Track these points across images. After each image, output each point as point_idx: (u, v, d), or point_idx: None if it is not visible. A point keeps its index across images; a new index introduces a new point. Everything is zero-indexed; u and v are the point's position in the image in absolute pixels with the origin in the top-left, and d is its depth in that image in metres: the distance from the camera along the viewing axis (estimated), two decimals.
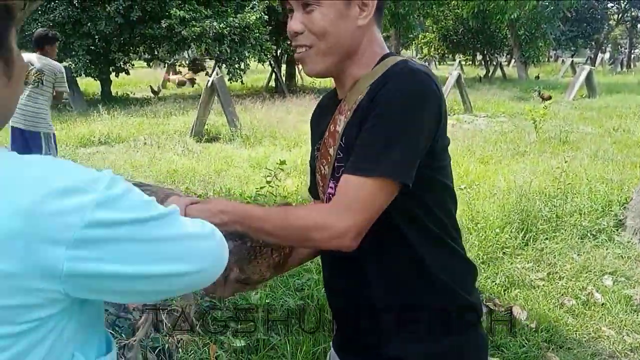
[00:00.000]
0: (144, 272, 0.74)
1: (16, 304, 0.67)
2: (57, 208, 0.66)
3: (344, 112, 1.12)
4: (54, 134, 5.39)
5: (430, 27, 29.78)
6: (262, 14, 13.89)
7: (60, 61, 13.82)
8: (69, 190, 0.68)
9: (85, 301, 0.79)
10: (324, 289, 3.06)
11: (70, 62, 13.33)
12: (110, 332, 2.58)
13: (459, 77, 12.21)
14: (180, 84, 7.95)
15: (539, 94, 14.11)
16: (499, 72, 26.40)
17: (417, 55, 34.34)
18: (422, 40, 31.49)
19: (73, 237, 0.66)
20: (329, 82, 20.40)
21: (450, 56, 33.87)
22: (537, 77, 23.59)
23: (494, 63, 28.08)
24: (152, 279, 0.76)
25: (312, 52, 1.11)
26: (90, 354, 0.81)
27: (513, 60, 27.13)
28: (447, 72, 15.83)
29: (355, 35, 1.10)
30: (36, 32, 5.35)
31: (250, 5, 13.68)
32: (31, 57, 5.16)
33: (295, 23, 1.10)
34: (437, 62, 37.16)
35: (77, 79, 13.50)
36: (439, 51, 31.68)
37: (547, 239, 4.11)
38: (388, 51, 1.16)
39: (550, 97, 13.23)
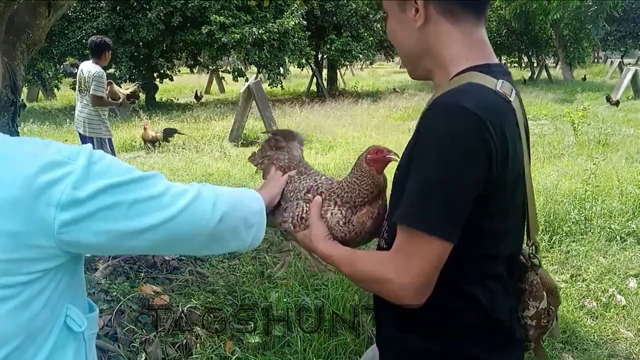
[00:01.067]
0: (126, 228, 0.87)
1: (21, 257, 0.81)
2: (48, 177, 0.80)
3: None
4: (109, 140, 5.62)
5: None
6: (301, 19, 14.01)
7: (105, 68, 14.37)
8: (57, 163, 0.82)
9: (76, 262, 0.93)
10: (340, 289, 3.13)
11: (115, 69, 13.85)
12: (132, 327, 2.73)
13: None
14: (152, 140, 8.16)
15: (607, 99, 13.35)
16: (544, 74, 25.71)
17: None
18: None
19: (61, 201, 0.80)
20: (371, 86, 20.49)
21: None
22: (584, 79, 22.82)
23: (540, 64, 27.33)
24: (136, 234, 0.88)
25: (401, 61, 1.17)
26: (79, 310, 0.96)
27: (560, 62, 26.36)
28: None
29: (417, 38, 1.07)
30: (90, 40, 5.53)
31: (289, 11, 13.84)
32: (84, 66, 5.44)
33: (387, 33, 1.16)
34: None
35: (122, 85, 14.02)
36: None
37: (573, 241, 4.04)
38: (479, 62, 1.04)
39: (618, 103, 12.61)
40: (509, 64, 30.10)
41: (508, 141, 0.95)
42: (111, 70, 14.14)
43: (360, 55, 17.22)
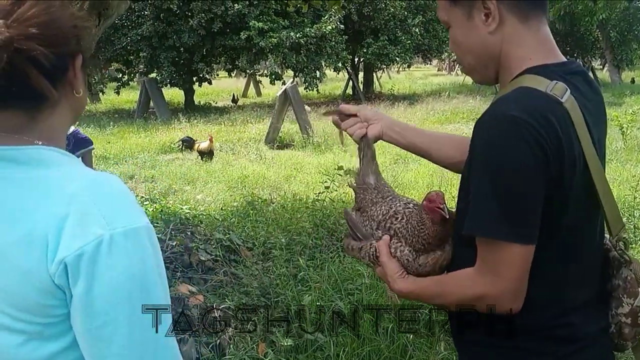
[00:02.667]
0: (91, 339, 0.74)
1: (33, 300, 0.73)
2: (72, 227, 0.72)
3: None
4: None
5: None
6: (338, 23, 14.07)
7: (148, 73, 14.85)
8: (88, 217, 0.72)
9: None
10: (375, 294, 3.09)
11: (157, 74, 14.22)
12: None
13: None
14: (203, 152, 7.86)
15: None
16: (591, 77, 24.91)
17: None
18: None
19: (66, 259, 0.71)
20: (407, 89, 20.33)
21: None
22: (632, 81, 21.99)
23: (586, 67, 26.55)
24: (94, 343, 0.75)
25: (465, 68, 1.14)
26: None
27: (607, 64, 25.55)
28: None
29: (489, 43, 1.06)
30: None
31: (327, 15, 13.91)
32: None
33: (449, 44, 1.15)
34: None
35: (163, 89, 14.36)
36: None
37: None
38: (540, 62, 1.04)
39: None
40: None
41: (562, 142, 0.95)
42: (153, 75, 14.51)
43: (397, 59, 17.11)
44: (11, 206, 0.74)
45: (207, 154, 7.91)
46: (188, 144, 8.02)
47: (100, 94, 16.98)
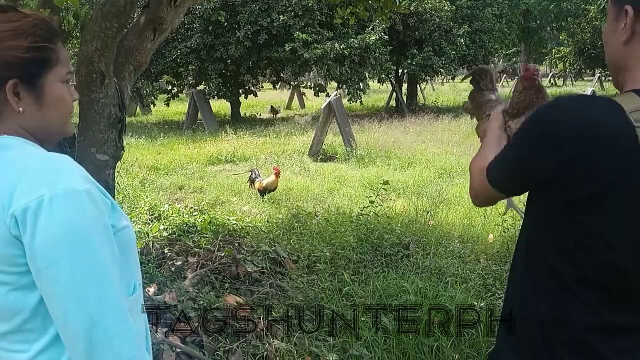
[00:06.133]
0: (42, 277, 0.91)
1: (4, 252, 0.90)
2: (22, 190, 0.88)
3: None
4: None
5: (566, 41, 27.98)
6: (383, 34, 14.10)
7: (197, 85, 15.25)
8: (35, 182, 0.89)
9: None
10: (420, 312, 3.09)
11: (205, 86, 14.59)
12: (217, 337, 2.85)
13: (593, 94, 11.36)
14: (265, 190, 6.24)
15: None
16: None
17: (551, 71, 32.46)
18: (556, 55, 29.69)
19: (15, 212, 0.88)
20: (452, 101, 20.06)
21: (590, 71, 31.48)
22: None
23: None
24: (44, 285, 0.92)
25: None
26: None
27: None
28: (584, 89, 14.74)
29: (620, 52, 1.06)
30: None
31: (371, 27, 13.97)
32: None
33: None
34: (573, 79, 34.67)
35: (210, 101, 14.72)
36: (576, 66, 29.58)
37: None
38: None
39: None
40: (603, 78, 28.55)
41: (594, 159, 0.95)
42: (201, 87, 14.90)
43: (442, 70, 16.96)
44: None
45: (271, 191, 6.20)
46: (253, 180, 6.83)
47: (152, 105, 17.58)
